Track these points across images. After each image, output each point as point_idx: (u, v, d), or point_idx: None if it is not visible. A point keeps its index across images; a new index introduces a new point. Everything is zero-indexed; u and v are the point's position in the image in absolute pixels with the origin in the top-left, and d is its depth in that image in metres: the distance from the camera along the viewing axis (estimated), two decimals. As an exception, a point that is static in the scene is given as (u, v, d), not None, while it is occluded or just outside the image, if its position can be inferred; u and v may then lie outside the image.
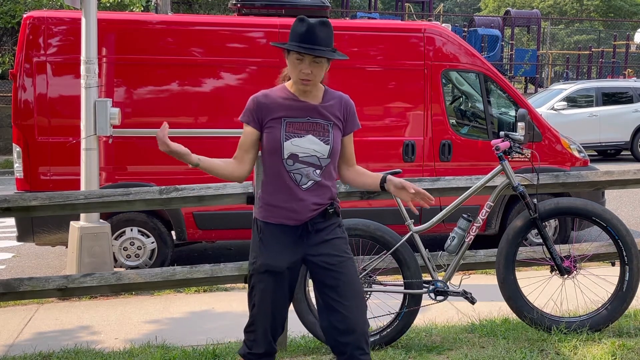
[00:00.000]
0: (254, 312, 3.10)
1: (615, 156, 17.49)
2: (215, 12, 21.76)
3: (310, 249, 3.07)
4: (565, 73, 28.65)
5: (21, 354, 4.46)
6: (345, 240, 3.15)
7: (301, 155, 3.03)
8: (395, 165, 6.72)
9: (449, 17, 36.02)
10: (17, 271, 7.15)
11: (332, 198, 3.12)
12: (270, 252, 3.05)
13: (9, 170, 14.16)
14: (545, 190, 5.05)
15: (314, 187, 3.05)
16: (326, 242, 3.08)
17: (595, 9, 42.12)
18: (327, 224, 3.09)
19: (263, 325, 3.08)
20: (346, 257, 3.10)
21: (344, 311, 3.01)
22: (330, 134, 3.07)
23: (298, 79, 3.02)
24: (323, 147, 3.05)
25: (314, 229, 3.06)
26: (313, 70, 2.99)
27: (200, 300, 5.74)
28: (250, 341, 3.12)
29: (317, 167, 3.05)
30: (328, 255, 3.06)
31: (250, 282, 3.12)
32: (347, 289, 3.04)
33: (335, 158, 3.11)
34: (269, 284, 3.05)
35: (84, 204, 4.50)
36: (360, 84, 7.01)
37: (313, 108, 3.08)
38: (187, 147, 3.09)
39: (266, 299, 3.06)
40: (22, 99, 6.51)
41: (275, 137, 3.03)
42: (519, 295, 4.52)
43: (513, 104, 7.47)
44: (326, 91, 3.14)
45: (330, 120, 3.09)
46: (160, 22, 7.01)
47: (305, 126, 3.05)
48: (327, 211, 3.08)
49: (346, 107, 3.15)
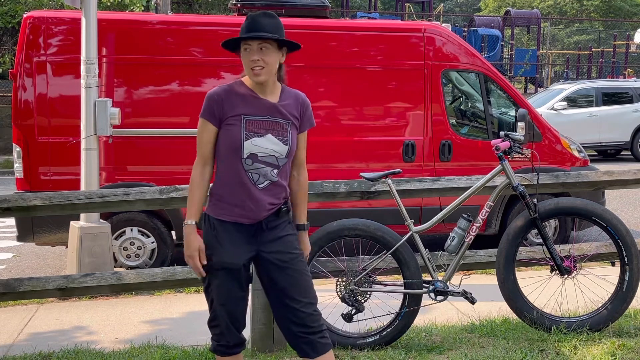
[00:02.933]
0: (213, 308, 3.14)
1: (615, 156, 17.49)
2: (215, 12, 21.77)
3: (264, 246, 3.11)
4: (565, 73, 28.64)
5: (21, 354, 4.46)
6: (295, 236, 3.20)
7: (260, 155, 3.04)
8: (395, 165, 6.72)
9: (449, 17, 36.01)
10: (17, 271, 7.15)
11: (285, 197, 3.16)
12: (226, 250, 3.07)
13: (9, 170, 14.16)
14: (545, 190, 5.05)
15: (270, 186, 3.07)
16: (279, 240, 3.12)
17: (595, 9, 42.11)
18: (280, 221, 3.14)
19: (224, 319, 3.12)
20: (297, 253, 3.16)
21: (297, 306, 3.07)
22: (289, 133, 3.09)
23: (249, 69, 3.01)
24: (282, 147, 3.07)
25: (268, 227, 3.10)
26: (262, 58, 2.99)
27: (200, 300, 5.69)
28: (217, 335, 3.16)
29: (274, 167, 3.07)
30: (281, 253, 3.11)
31: (206, 278, 3.13)
32: (300, 285, 3.10)
33: (292, 157, 3.14)
34: (226, 281, 3.09)
35: (84, 204, 4.51)
36: (360, 84, 7.01)
37: (273, 106, 3.08)
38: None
39: (223, 295, 3.10)
40: (22, 99, 6.51)
41: (234, 136, 3.02)
42: (519, 295, 4.51)
43: (513, 104, 7.47)
44: (283, 89, 3.15)
45: (289, 119, 3.10)
46: (160, 22, 7.01)
47: (265, 125, 3.05)
48: (280, 210, 3.12)
49: (302, 105, 3.16)
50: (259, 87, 3.08)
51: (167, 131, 6.67)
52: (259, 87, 3.08)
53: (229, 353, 3.17)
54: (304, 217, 3.28)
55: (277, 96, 3.12)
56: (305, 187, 3.27)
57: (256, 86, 3.08)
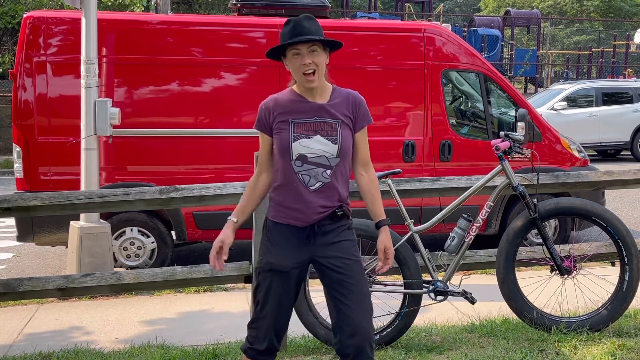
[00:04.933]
0: (257, 310, 3.11)
1: (615, 156, 17.49)
2: (215, 12, 21.77)
3: (318, 250, 3.07)
4: (565, 73, 28.64)
5: (21, 354, 4.46)
6: (353, 242, 3.14)
7: (310, 156, 3.03)
8: (395, 165, 6.72)
9: (449, 17, 36.01)
10: (17, 271, 7.15)
11: (341, 200, 3.11)
12: (276, 252, 3.06)
13: (9, 170, 14.16)
14: (545, 190, 5.05)
15: (322, 188, 3.05)
16: (333, 244, 3.07)
17: (595, 9, 42.10)
18: (335, 225, 3.09)
19: (266, 322, 3.08)
20: (353, 259, 3.09)
21: (349, 313, 3.01)
22: (338, 132, 3.05)
23: (302, 74, 3.01)
24: (331, 147, 3.04)
25: (321, 231, 3.06)
26: (313, 60, 2.99)
27: (200, 300, 5.74)
28: (253, 337, 3.13)
29: (326, 168, 3.04)
30: (335, 258, 3.06)
31: (256, 280, 3.13)
32: (353, 291, 3.04)
33: (346, 157, 3.09)
34: (274, 283, 3.06)
35: (84, 204, 4.50)
36: (360, 84, 6.99)
37: (320, 107, 3.07)
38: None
39: (270, 298, 3.07)
40: (22, 99, 6.51)
41: (283, 139, 3.03)
42: (519, 295, 4.51)
43: (513, 104, 7.47)
44: (334, 89, 3.13)
45: (339, 118, 3.07)
46: (160, 22, 7.01)
47: (313, 126, 3.04)
48: (335, 213, 3.08)
49: (354, 103, 3.12)
50: (307, 91, 3.07)
51: (167, 131, 6.68)
52: (308, 91, 3.07)
53: (258, 359, 3.13)
54: (382, 213, 3.21)
55: (328, 97, 3.10)
56: (376, 184, 3.21)
57: (305, 90, 3.08)
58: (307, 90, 3.07)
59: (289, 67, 3.05)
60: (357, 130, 3.13)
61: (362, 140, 3.15)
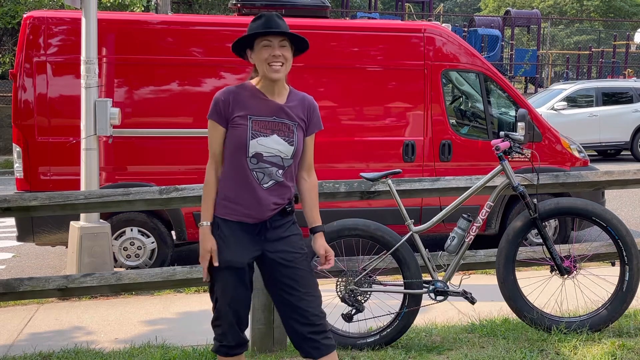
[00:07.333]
0: (217, 307, 3.15)
1: (615, 156, 17.49)
2: (215, 12, 21.76)
3: (268, 246, 3.13)
4: (565, 73, 28.63)
5: (21, 354, 4.46)
6: (300, 236, 3.21)
7: (265, 155, 3.06)
8: (395, 165, 6.73)
9: (449, 17, 36.02)
10: (17, 271, 7.15)
11: (290, 198, 3.17)
12: (231, 249, 3.09)
13: (9, 170, 14.16)
14: (545, 190, 5.05)
15: (274, 186, 3.09)
16: (283, 239, 3.14)
17: (595, 9, 42.10)
18: (284, 221, 3.15)
19: (228, 319, 3.13)
20: (302, 253, 3.17)
21: (302, 305, 3.08)
22: (295, 134, 3.10)
23: (267, 65, 3.02)
24: (287, 147, 3.08)
25: (272, 226, 3.12)
26: (283, 53, 3.03)
27: (200, 300, 5.73)
28: (220, 335, 3.17)
29: (280, 168, 3.09)
30: (285, 252, 3.13)
31: (211, 277, 3.15)
32: (305, 283, 3.12)
33: (297, 159, 3.15)
34: (230, 280, 3.10)
35: (84, 204, 4.50)
36: (361, 84, 7.01)
37: (280, 108, 3.10)
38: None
39: (228, 294, 3.11)
40: (22, 99, 6.52)
41: (241, 135, 3.04)
42: (519, 295, 4.51)
43: (513, 104, 7.47)
44: (291, 91, 3.17)
45: (295, 120, 3.12)
46: (161, 22, 7.01)
47: (271, 125, 3.07)
48: (285, 210, 3.13)
49: (309, 108, 3.18)
50: (267, 88, 3.10)
51: (168, 131, 6.68)
52: (267, 89, 3.10)
53: (231, 354, 3.18)
54: (318, 219, 3.26)
55: (285, 98, 3.14)
56: (315, 190, 3.27)
57: (264, 87, 3.10)
58: (268, 86, 3.09)
59: (254, 59, 3.08)
60: (307, 135, 3.19)
61: (310, 145, 3.22)
